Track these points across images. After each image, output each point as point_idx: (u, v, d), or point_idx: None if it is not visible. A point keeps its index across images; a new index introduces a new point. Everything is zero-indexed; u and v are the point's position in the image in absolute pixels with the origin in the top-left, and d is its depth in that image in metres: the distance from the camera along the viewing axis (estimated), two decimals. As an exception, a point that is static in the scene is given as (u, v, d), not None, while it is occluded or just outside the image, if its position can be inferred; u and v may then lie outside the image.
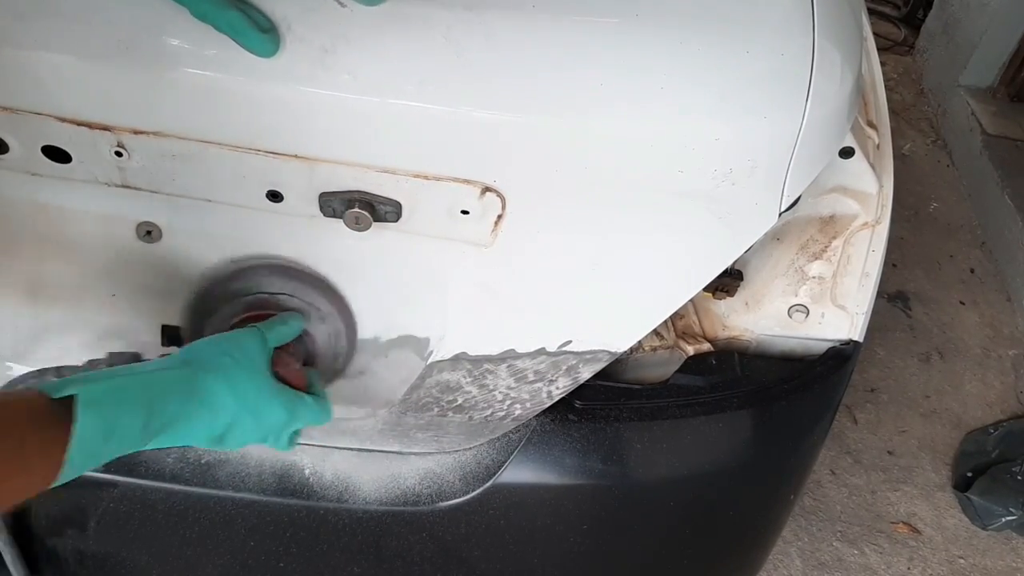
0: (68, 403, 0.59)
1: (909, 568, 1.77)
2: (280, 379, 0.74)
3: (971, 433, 2.02)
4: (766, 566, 1.65)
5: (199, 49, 0.68)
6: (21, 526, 0.95)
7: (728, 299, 0.95)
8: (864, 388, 2.10)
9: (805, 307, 0.94)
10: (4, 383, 0.83)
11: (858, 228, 0.93)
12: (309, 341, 0.84)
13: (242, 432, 0.70)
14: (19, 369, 0.87)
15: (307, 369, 0.80)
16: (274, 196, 0.75)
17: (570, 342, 0.84)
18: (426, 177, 0.74)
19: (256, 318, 0.80)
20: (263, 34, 0.66)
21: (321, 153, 0.72)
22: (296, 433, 0.77)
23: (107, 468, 0.90)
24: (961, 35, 3.02)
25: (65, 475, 0.59)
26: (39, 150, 0.73)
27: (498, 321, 0.84)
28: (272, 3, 0.68)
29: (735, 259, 0.83)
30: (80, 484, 0.90)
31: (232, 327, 0.81)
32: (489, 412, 0.88)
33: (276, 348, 0.77)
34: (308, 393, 0.76)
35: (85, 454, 0.60)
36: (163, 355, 0.75)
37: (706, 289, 0.87)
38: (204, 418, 0.68)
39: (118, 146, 0.72)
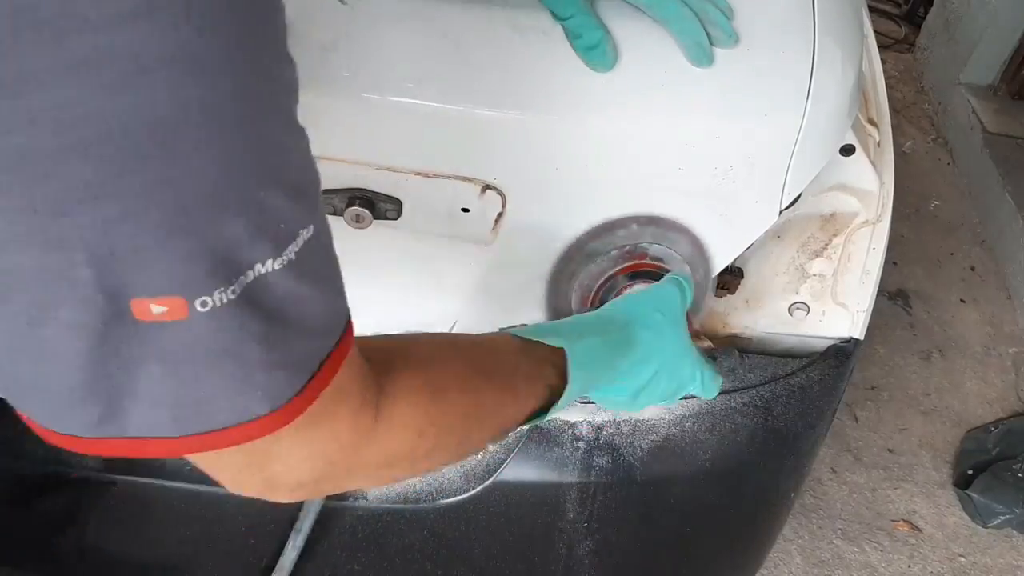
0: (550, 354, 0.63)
1: (909, 566, 1.77)
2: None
3: (971, 431, 2.02)
4: (766, 564, 1.66)
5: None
6: (21, 524, 0.95)
7: (729, 297, 0.95)
8: (864, 386, 2.10)
9: (806, 305, 0.94)
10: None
11: (859, 226, 0.93)
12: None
13: (656, 388, 0.71)
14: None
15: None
16: (274, 194, 0.75)
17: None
18: (426, 175, 0.74)
19: (634, 267, 0.79)
20: (611, 51, 0.70)
21: (321, 151, 0.72)
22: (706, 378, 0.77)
23: (106, 466, 0.90)
24: (962, 33, 3.02)
25: (541, 420, 0.64)
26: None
27: (498, 319, 0.84)
28: (272, 1, 0.68)
29: (735, 257, 0.83)
30: (79, 482, 0.90)
31: (609, 279, 0.80)
32: (490, 410, 0.88)
33: None
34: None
35: (568, 400, 0.63)
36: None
37: (707, 287, 0.87)
38: (639, 372, 0.69)
39: (118, 144, 0.72)
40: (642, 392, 0.71)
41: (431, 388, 0.53)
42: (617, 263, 0.80)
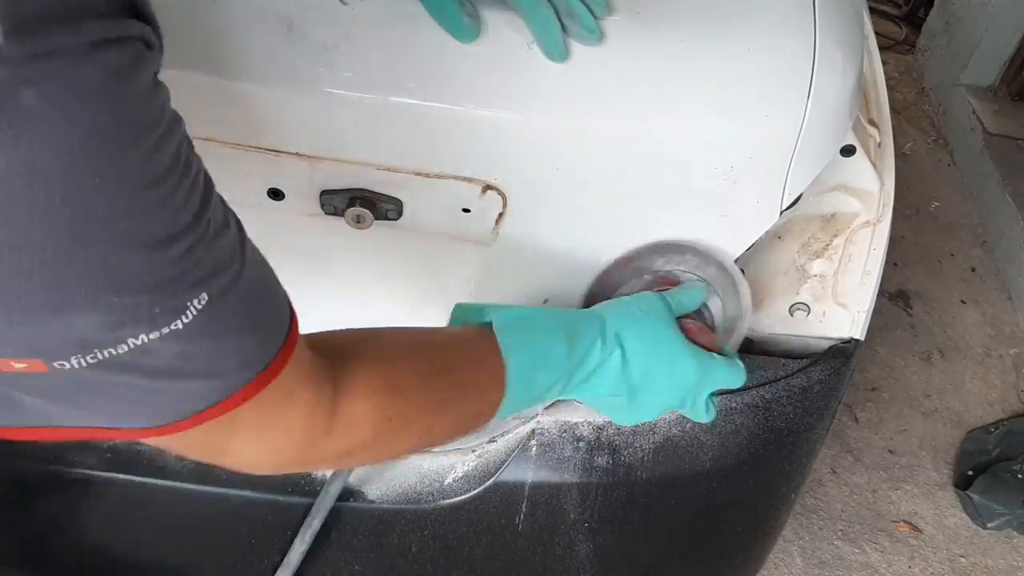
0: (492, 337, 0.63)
1: (910, 567, 1.77)
2: (690, 340, 0.73)
3: (972, 432, 2.02)
4: (767, 565, 1.65)
5: (200, 47, 0.68)
6: (22, 524, 0.95)
7: (729, 297, 0.95)
8: (865, 387, 2.10)
9: (806, 305, 0.94)
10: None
11: (859, 226, 0.93)
12: (708, 315, 0.82)
13: (656, 385, 0.70)
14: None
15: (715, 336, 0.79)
16: (275, 194, 0.76)
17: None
18: (427, 175, 0.74)
19: (664, 289, 0.80)
20: (467, 19, 0.68)
21: (322, 151, 0.72)
22: (712, 398, 0.75)
23: (107, 466, 0.90)
24: (962, 34, 3.02)
25: (507, 405, 0.62)
26: (40, 148, 0.73)
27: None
28: (275, 0, 0.68)
29: (736, 257, 0.83)
30: (79, 482, 0.90)
31: None
32: (490, 410, 0.88)
33: (681, 317, 0.75)
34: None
35: (522, 381, 0.62)
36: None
37: (707, 287, 0.87)
38: (615, 357, 0.68)
39: (119, 144, 0.72)
40: (640, 390, 0.69)
41: (389, 386, 0.55)
42: (648, 288, 0.81)
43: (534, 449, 0.90)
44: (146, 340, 0.39)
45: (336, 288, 0.83)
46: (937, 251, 2.55)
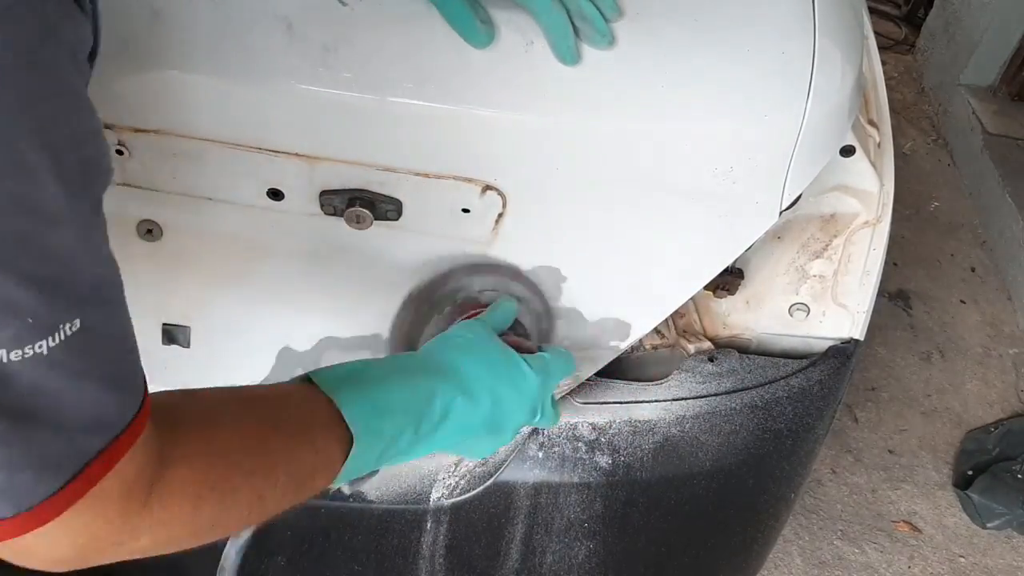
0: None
1: (910, 567, 1.77)
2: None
3: (972, 431, 2.02)
4: (767, 565, 1.65)
5: (200, 47, 0.68)
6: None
7: (729, 297, 0.95)
8: (865, 387, 2.10)
9: (806, 305, 0.94)
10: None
11: (859, 226, 0.93)
12: (521, 326, 0.81)
13: (507, 406, 0.67)
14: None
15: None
16: (275, 194, 0.76)
17: (570, 340, 0.84)
18: (427, 175, 0.74)
19: (473, 314, 0.79)
20: (481, 24, 0.67)
21: (322, 151, 0.72)
22: (554, 403, 0.74)
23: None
24: (962, 34, 3.02)
25: (356, 459, 0.58)
26: (40, 148, 0.73)
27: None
28: (275, 1, 0.68)
29: (736, 257, 0.83)
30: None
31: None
32: (490, 410, 0.88)
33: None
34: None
35: (367, 430, 0.58)
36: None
37: (707, 287, 0.87)
38: (461, 393, 0.65)
39: (119, 144, 0.72)
40: (498, 419, 0.67)
41: (211, 451, 0.50)
42: (454, 317, 0.79)
43: (534, 449, 0.90)
44: (8, 359, 0.35)
45: (336, 288, 0.83)
46: (937, 251, 2.55)
